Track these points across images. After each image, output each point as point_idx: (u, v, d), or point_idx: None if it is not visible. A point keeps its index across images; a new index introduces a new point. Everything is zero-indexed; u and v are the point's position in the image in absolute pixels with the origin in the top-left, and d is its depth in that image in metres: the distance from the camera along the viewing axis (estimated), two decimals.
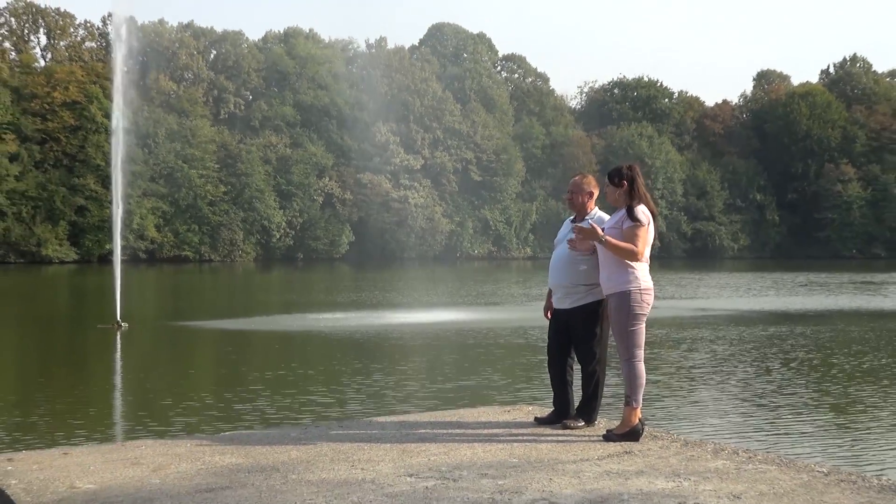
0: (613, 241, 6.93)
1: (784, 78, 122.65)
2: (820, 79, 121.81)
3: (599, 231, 6.98)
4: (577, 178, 7.79)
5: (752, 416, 12.39)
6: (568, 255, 7.44)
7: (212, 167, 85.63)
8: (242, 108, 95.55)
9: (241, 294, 43.18)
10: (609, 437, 6.87)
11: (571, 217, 7.78)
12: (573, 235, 7.35)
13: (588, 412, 7.43)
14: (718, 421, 12.02)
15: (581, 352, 7.47)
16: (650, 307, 7.07)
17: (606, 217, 7.51)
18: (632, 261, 6.95)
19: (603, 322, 7.40)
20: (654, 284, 7.19)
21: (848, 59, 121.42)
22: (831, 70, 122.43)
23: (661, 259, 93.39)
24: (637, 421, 6.96)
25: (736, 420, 12.12)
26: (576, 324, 7.45)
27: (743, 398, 13.83)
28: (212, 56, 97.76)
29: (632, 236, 6.93)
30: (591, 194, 7.65)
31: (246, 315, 28.41)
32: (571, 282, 7.43)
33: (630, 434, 6.87)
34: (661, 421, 11.60)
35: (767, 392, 14.32)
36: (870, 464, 9.81)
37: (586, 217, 7.56)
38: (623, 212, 7.04)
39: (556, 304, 7.61)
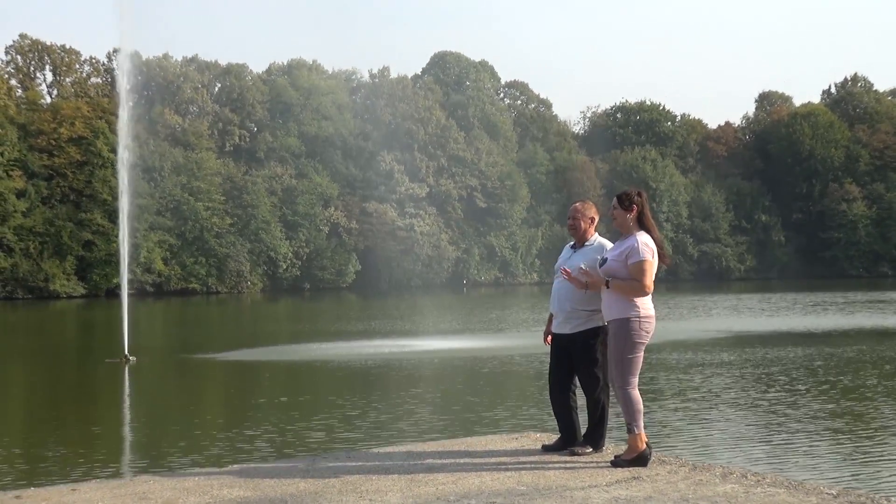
0: (619, 284, 6.93)
1: (786, 99, 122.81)
2: (822, 99, 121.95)
3: (602, 280, 7.00)
4: (578, 204, 7.82)
5: (760, 439, 12.32)
6: (568, 280, 7.40)
7: (218, 199, 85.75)
8: (247, 139, 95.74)
9: (248, 325, 43.08)
10: (617, 462, 6.87)
11: (571, 243, 7.80)
12: (574, 262, 7.42)
13: (596, 438, 7.42)
14: (727, 444, 11.96)
15: (584, 378, 7.45)
16: (650, 335, 7.06)
17: (607, 243, 7.53)
18: (641, 296, 6.94)
19: (604, 347, 7.37)
20: (656, 310, 7.19)
21: (849, 78, 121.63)
22: (833, 90, 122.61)
23: (668, 282, 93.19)
24: (644, 446, 6.94)
25: (745, 443, 12.06)
26: (577, 349, 7.45)
27: (752, 420, 13.76)
28: (216, 89, 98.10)
29: (638, 271, 6.92)
30: (592, 220, 7.66)
31: (254, 346, 28.33)
32: (573, 307, 7.44)
33: (638, 459, 6.86)
34: (669, 445, 11.55)
35: (777, 414, 14.25)
36: (881, 484, 9.75)
37: (587, 243, 7.59)
38: (628, 243, 7.04)
39: (557, 329, 7.60)
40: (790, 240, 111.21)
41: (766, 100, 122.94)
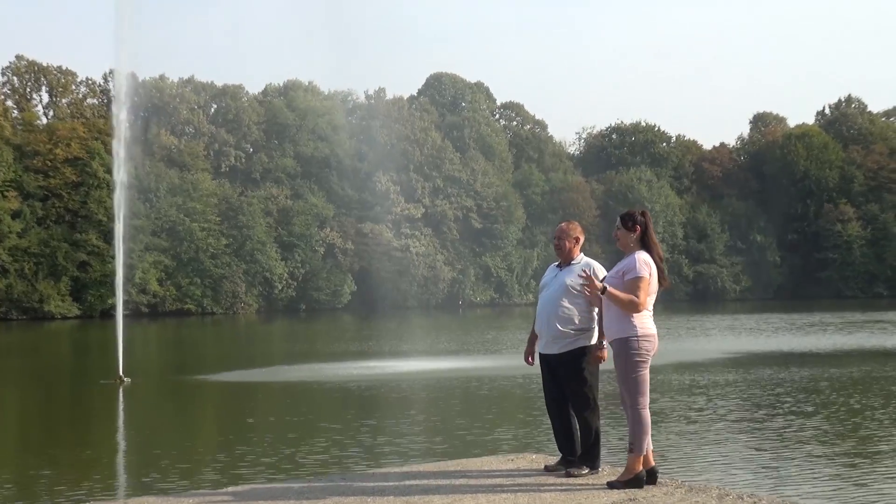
0: (615, 292, 6.93)
1: (780, 120, 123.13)
2: (816, 120, 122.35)
3: (599, 283, 7.00)
4: (563, 224, 7.88)
5: (760, 461, 12.30)
6: (556, 300, 7.48)
7: (213, 220, 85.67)
8: (243, 160, 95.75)
9: (244, 346, 42.96)
10: (613, 484, 6.85)
11: (556, 262, 7.83)
12: (563, 279, 7.47)
13: (591, 459, 7.40)
14: (725, 465, 11.93)
15: (573, 398, 7.47)
16: (653, 354, 7.06)
17: (594, 263, 7.59)
18: (633, 311, 6.95)
19: (592, 367, 7.43)
20: (657, 330, 7.16)
21: (843, 99, 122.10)
22: (827, 111, 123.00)
23: (664, 303, 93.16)
24: (640, 468, 6.93)
25: (744, 464, 12.03)
26: (565, 370, 7.46)
27: (751, 442, 13.74)
28: (212, 110, 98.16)
29: (633, 287, 6.94)
30: (577, 240, 7.70)
31: (249, 367, 28.25)
32: (560, 327, 7.45)
33: (634, 481, 6.83)
34: (667, 467, 11.52)
35: (777, 435, 14.23)
36: None
37: (572, 262, 7.61)
38: (626, 261, 7.07)
39: (544, 350, 7.60)
40: (785, 260, 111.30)
41: (761, 121, 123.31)
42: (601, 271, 7.53)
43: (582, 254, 7.73)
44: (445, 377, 24.13)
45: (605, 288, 6.96)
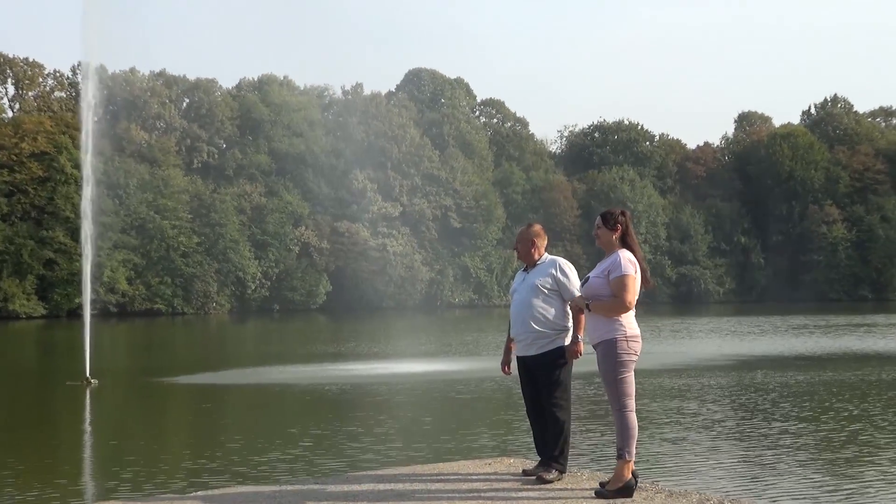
0: (599, 304, 7.00)
1: (765, 119, 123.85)
2: (801, 120, 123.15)
3: (581, 303, 7.12)
4: (521, 228, 7.97)
5: (743, 466, 12.35)
6: (528, 302, 7.58)
7: (185, 217, 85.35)
8: (216, 156, 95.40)
9: (215, 347, 42.79)
10: (601, 493, 6.81)
11: (523, 267, 7.91)
12: (532, 281, 7.58)
13: (562, 461, 7.46)
14: (708, 471, 11.97)
15: (546, 400, 7.51)
16: (638, 355, 7.09)
17: (560, 260, 7.67)
18: (623, 313, 6.98)
19: (567, 368, 7.50)
20: (641, 331, 7.20)
21: (829, 99, 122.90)
22: (813, 111, 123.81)
23: (646, 304, 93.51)
24: (630, 475, 6.91)
25: (727, 470, 12.07)
26: (540, 371, 7.52)
27: (735, 447, 13.78)
28: (184, 104, 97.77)
29: (620, 286, 6.96)
30: (533, 243, 7.76)
31: (220, 369, 28.17)
32: (536, 328, 7.53)
33: (623, 490, 6.82)
34: (646, 471, 11.55)
35: (762, 440, 14.28)
36: None
37: (538, 263, 7.70)
38: (610, 260, 7.09)
39: (522, 352, 7.68)
40: (770, 262, 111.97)
41: (746, 120, 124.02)
42: (569, 268, 7.63)
43: (546, 253, 7.82)
44: (423, 380, 24.11)
45: (588, 304, 7.03)
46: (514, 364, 7.90)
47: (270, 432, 15.80)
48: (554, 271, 7.59)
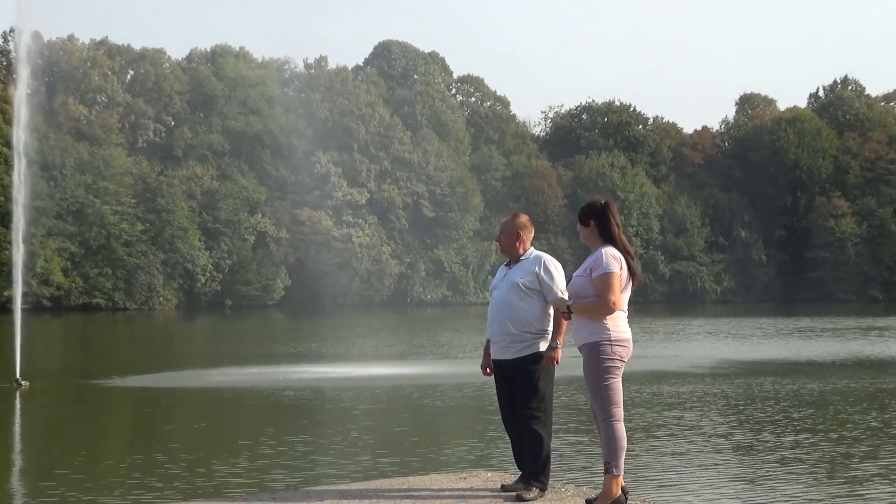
0: (581, 306, 6.99)
1: (770, 102, 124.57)
2: (809, 103, 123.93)
3: (563, 304, 7.12)
4: (506, 218, 7.98)
5: (744, 482, 12.35)
6: (507, 301, 7.60)
7: (128, 202, 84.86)
8: (163, 135, 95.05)
9: (160, 346, 42.72)
10: None
11: (506, 262, 7.92)
12: (511, 279, 7.59)
13: (542, 478, 7.46)
14: (707, 487, 11.96)
15: (522, 409, 7.53)
16: (626, 360, 7.09)
17: (546, 257, 7.68)
18: (607, 315, 6.96)
19: (546, 376, 7.53)
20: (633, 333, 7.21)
21: (839, 81, 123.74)
22: (821, 93, 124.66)
23: (637, 304, 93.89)
24: (619, 491, 6.91)
25: (726, 486, 12.07)
26: (517, 376, 7.55)
27: (737, 461, 13.79)
28: (128, 77, 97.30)
29: (602, 285, 6.93)
30: (518, 235, 7.76)
31: (165, 370, 28.12)
32: (513, 330, 7.55)
33: None
34: (639, 488, 11.52)
35: (765, 454, 14.29)
36: None
37: (521, 258, 7.72)
38: (593, 257, 7.08)
39: (497, 355, 7.69)
40: (772, 259, 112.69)
41: (748, 103, 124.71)
42: (554, 267, 7.65)
43: (532, 248, 7.83)
44: (391, 385, 24.13)
45: (569, 308, 7.03)
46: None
47: (220, 442, 15.73)
48: (537, 269, 7.59)
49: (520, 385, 7.54)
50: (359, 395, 22.17)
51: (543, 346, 7.53)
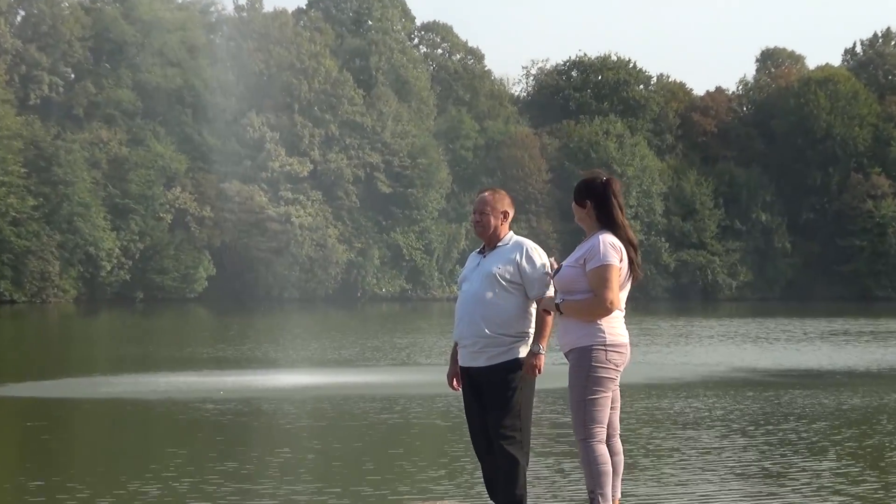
0: (573, 304, 7.02)
1: (797, 59, 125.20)
2: (843, 61, 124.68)
3: (551, 302, 7.21)
4: (486, 194, 7.93)
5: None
6: (482, 296, 7.61)
7: (16, 172, 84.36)
8: (61, 90, 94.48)
9: (54, 347, 42.57)
10: None
11: (479, 248, 7.96)
12: (489, 268, 7.63)
13: None
14: None
15: (495, 428, 7.56)
16: (621, 368, 7.17)
17: (528, 243, 7.72)
18: (603, 316, 7.01)
19: (526, 389, 7.61)
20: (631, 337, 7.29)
21: (880, 34, 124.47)
22: (858, 49, 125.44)
23: (636, 300, 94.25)
24: None
25: None
26: (490, 389, 7.57)
27: (755, 489, 13.62)
28: (18, 19, 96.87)
29: (598, 280, 6.94)
30: (505, 215, 7.82)
31: (60, 376, 27.98)
32: (490, 331, 7.54)
33: None
34: None
35: (802, 482, 14.12)
36: None
37: (499, 245, 7.73)
38: (588, 244, 7.11)
39: (467, 362, 7.71)
40: (798, 248, 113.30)
41: (771, 59, 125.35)
42: (538, 255, 7.64)
43: (511, 232, 7.84)
44: (339, 397, 24.02)
45: (557, 307, 7.09)
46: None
47: (124, 465, 15.48)
48: (518, 257, 7.58)
49: (493, 398, 7.56)
50: (299, 410, 22.14)
51: (523, 352, 7.54)
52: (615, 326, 7.06)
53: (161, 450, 17.01)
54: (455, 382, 7.88)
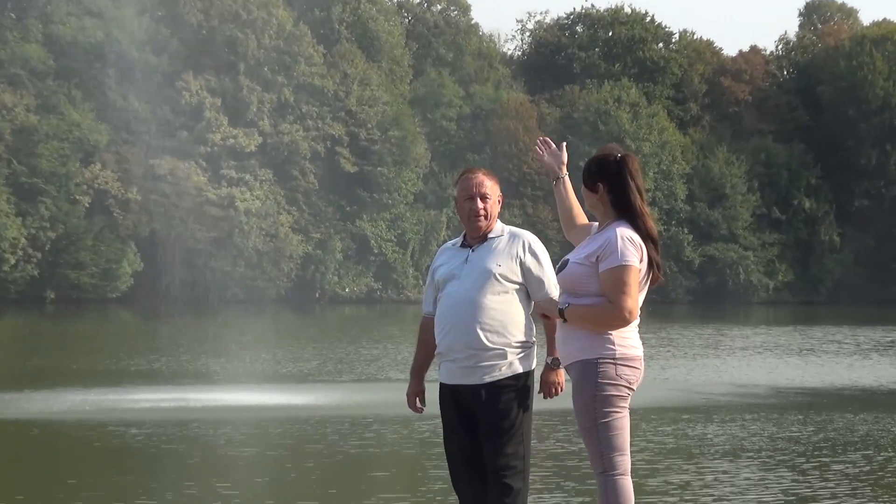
0: (581, 311, 6.97)
1: (848, 13, 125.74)
2: None
3: (555, 307, 7.15)
4: (480, 174, 7.88)
5: None
6: (476, 298, 7.52)
7: None
8: None
9: None
10: None
11: (458, 239, 7.92)
12: (483, 264, 7.57)
13: None
14: None
15: (493, 459, 7.50)
16: (635, 387, 7.14)
17: (528, 235, 7.77)
18: (618, 327, 6.99)
19: (529, 409, 7.64)
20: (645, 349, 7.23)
21: None
22: None
23: (653, 303, 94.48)
24: None
25: None
26: (487, 412, 7.51)
27: None
28: None
29: (613, 284, 6.89)
30: (501, 200, 7.92)
31: None
32: (486, 342, 7.49)
33: None
34: None
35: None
36: None
37: (490, 236, 7.71)
38: (603, 238, 7.07)
39: (456, 379, 7.69)
40: (849, 241, 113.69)
41: (817, 13, 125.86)
42: (541, 250, 7.68)
43: (499, 220, 7.87)
44: (295, 418, 24.07)
45: (561, 313, 7.03)
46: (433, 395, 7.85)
47: (31, 500, 15.36)
48: (521, 252, 7.56)
49: (492, 423, 7.51)
50: (245, 435, 22.15)
51: (526, 366, 7.55)
52: (627, 337, 7.04)
53: (74, 482, 16.86)
54: (418, 403, 7.99)
